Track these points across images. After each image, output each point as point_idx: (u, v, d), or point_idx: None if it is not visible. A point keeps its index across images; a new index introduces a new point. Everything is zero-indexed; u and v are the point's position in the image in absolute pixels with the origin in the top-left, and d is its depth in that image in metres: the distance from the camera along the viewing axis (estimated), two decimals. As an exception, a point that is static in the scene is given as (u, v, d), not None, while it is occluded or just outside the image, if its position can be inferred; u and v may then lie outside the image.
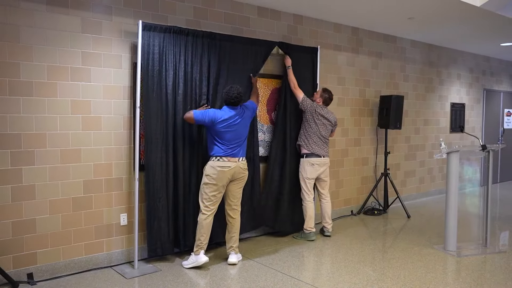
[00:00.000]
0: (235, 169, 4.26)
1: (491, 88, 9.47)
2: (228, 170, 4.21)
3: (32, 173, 3.81)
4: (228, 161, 4.22)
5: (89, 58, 4.07)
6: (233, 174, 4.27)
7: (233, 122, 4.23)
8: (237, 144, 4.27)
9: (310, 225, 5.21)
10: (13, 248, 3.77)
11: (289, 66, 5.27)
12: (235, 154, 4.27)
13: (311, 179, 5.26)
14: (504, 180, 9.98)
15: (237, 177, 4.32)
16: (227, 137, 4.21)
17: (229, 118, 4.22)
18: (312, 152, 5.20)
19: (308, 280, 3.98)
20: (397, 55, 7.19)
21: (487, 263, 4.48)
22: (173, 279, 3.97)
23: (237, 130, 4.26)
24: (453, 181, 4.78)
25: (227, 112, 4.24)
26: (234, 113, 4.25)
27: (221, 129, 4.19)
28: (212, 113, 4.21)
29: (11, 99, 3.69)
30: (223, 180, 4.22)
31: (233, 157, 4.25)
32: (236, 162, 4.26)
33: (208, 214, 4.23)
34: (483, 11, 5.42)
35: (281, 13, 5.49)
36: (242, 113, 4.31)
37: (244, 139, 4.37)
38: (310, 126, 5.21)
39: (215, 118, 4.18)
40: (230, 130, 4.21)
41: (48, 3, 3.83)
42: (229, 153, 4.23)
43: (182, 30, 4.36)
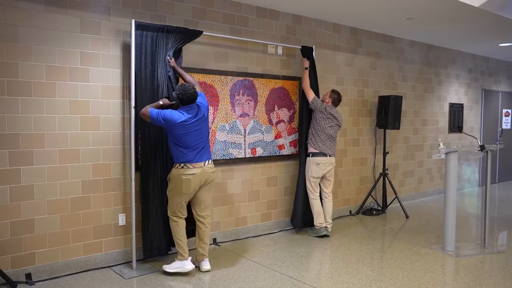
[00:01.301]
0: (202, 174, 3.95)
1: (489, 89, 9.48)
2: (194, 177, 3.90)
3: (31, 173, 3.81)
4: (193, 167, 3.90)
5: (87, 58, 4.07)
6: (200, 180, 3.95)
7: (193, 124, 3.87)
8: (200, 147, 3.94)
9: (319, 221, 5.31)
10: (12, 248, 3.76)
11: (306, 68, 5.39)
12: (200, 158, 3.94)
13: (316, 178, 5.33)
14: (503, 180, 10.00)
15: (205, 182, 4.02)
16: (188, 141, 3.86)
17: (189, 119, 3.84)
18: (319, 151, 5.28)
19: (307, 280, 3.98)
20: (396, 55, 7.20)
21: (486, 263, 4.49)
22: (172, 279, 3.96)
23: (198, 131, 3.91)
24: (451, 181, 4.78)
25: (185, 113, 3.85)
26: (192, 114, 3.88)
27: (181, 132, 3.82)
28: (168, 114, 3.81)
29: (10, 99, 3.68)
30: (190, 189, 3.93)
31: (198, 162, 3.92)
32: (201, 167, 3.94)
33: (178, 221, 4.04)
34: (481, 12, 5.43)
35: (280, 13, 5.50)
36: (199, 111, 3.95)
37: (207, 140, 4.04)
38: (319, 124, 5.27)
39: (172, 119, 3.79)
40: (191, 132, 3.86)
41: (46, 3, 3.83)
42: (192, 158, 3.90)
43: (175, 29, 4.33)
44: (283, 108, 5.57)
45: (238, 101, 5.13)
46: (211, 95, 4.89)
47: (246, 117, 5.23)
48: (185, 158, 3.90)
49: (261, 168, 5.42)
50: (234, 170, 5.16)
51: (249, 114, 5.25)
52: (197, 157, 3.93)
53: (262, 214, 5.48)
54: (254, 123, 5.30)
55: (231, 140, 5.10)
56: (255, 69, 5.29)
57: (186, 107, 3.88)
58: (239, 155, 5.17)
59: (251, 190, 5.35)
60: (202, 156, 3.97)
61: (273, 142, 5.51)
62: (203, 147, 3.99)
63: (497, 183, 9.73)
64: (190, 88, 3.85)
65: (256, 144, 5.33)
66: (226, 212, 5.13)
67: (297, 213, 5.50)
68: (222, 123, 5.01)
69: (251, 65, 5.25)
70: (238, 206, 5.24)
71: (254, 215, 5.40)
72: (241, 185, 5.24)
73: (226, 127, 5.04)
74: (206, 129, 4.03)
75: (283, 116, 5.59)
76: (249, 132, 5.26)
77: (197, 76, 4.76)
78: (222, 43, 4.98)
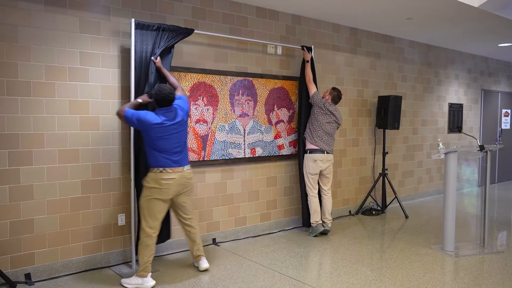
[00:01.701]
0: (181, 180, 3.80)
1: (489, 89, 9.48)
2: (173, 182, 3.75)
3: (30, 173, 3.81)
4: (172, 172, 3.74)
5: (87, 58, 4.07)
6: (178, 185, 3.81)
7: (170, 127, 3.71)
8: (178, 151, 3.79)
9: (315, 219, 5.32)
10: (11, 248, 3.76)
11: (308, 61, 5.39)
12: (179, 163, 3.79)
13: (313, 174, 5.34)
14: (502, 181, 10.00)
15: (183, 189, 3.87)
16: (166, 144, 3.70)
17: (165, 121, 3.68)
18: (316, 147, 5.28)
19: (306, 280, 3.98)
20: (395, 56, 7.20)
21: (485, 263, 4.49)
22: (171, 280, 3.96)
23: (176, 135, 3.75)
24: (451, 181, 4.78)
25: (161, 115, 3.69)
26: (169, 117, 3.72)
27: (157, 135, 3.66)
28: (143, 115, 3.64)
29: (9, 99, 3.68)
30: (169, 194, 3.77)
31: (177, 167, 3.77)
32: (180, 172, 3.79)
33: (154, 236, 3.79)
34: (481, 12, 5.43)
35: (279, 13, 5.50)
36: (177, 115, 3.77)
37: (185, 145, 3.88)
38: (317, 120, 5.29)
39: (146, 120, 3.62)
40: (168, 135, 3.70)
41: (46, 3, 3.83)
42: (171, 163, 3.74)
43: (175, 28, 4.32)
44: (283, 108, 5.57)
45: (237, 101, 5.13)
46: (211, 95, 4.89)
47: (246, 117, 5.23)
48: (164, 163, 3.72)
49: (261, 168, 5.42)
50: (233, 170, 5.16)
51: (248, 114, 5.25)
52: (176, 162, 3.77)
53: (262, 214, 5.48)
54: (254, 123, 5.30)
55: (231, 140, 5.10)
56: (254, 69, 5.29)
57: (163, 109, 3.73)
58: (239, 155, 5.18)
59: (251, 190, 5.35)
60: (181, 161, 3.81)
61: (273, 142, 5.51)
62: (181, 151, 3.82)
63: (497, 183, 9.73)
64: (165, 88, 3.70)
65: (255, 144, 5.33)
66: (225, 212, 5.13)
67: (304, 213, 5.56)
68: (222, 123, 5.01)
69: (250, 65, 5.25)
70: (238, 206, 5.24)
71: (254, 215, 5.40)
72: (241, 185, 5.25)
73: (225, 127, 5.04)
74: (184, 133, 3.86)
75: (283, 116, 5.59)
76: (249, 132, 5.26)
77: (197, 76, 4.76)
78: (221, 43, 4.98)
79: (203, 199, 4.92)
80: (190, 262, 4.39)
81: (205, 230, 4.96)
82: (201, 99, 4.82)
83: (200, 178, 4.88)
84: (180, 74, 4.64)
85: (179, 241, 4.75)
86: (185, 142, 3.90)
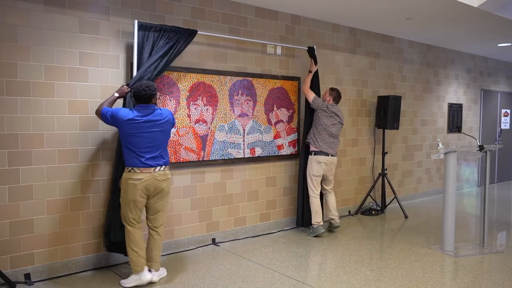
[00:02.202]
0: (150, 181, 3.66)
1: (488, 89, 9.49)
2: (139, 183, 3.62)
3: (30, 173, 3.80)
4: (140, 172, 3.63)
5: (86, 58, 4.07)
6: (146, 187, 3.66)
7: (142, 124, 3.61)
8: (151, 152, 3.66)
9: (317, 220, 5.33)
10: (11, 248, 3.76)
11: (311, 71, 5.42)
12: (149, 163, 3.65)
13: (317, 176, 5.36)
14: (502, 181, 10.00)
15: (153, 191, 3.73)
16: (136, 142, 3.61)
17: (137, 117, 3.60)
18: (320, 150, 5.28)
19: (306, 280, 3.98)
20: (395, 56, 7.20)
21: (485, 263, 4.49)
22: (170, 279, 3.96)
23: (149, 134, 3.63)
24: (450, 181, 4.79)
25: (136, 111, 3.63)
26: (144, 113, 3.64)
27: (128, 131, 3.60)
28: (116, 110, 3.62)
29: (8, 99, 3.68)
30: (135, 195, 3.65)
31: (146, 168, 3.65)
32: (150, 173, 3.65)
33: (131, 230, 3.74)
34: (480, 12, 5.43)
35: (278, 13, 5.50)
36: (155, 113, 3.68)
37: (161, 146, 3.74)
38: (320, 124, 5.29)
39: (118, 116, 3.58)
40: (140, 133, 3.61)
41: (45, 3, 3.82)
42: (140, 163, 3.63)
43: (177, 29, 4.32)
44: (282, 108, 5.57)
45: (237, 101, 5.13)
46: (210, 95, 4.89)
47: (245, 117, 5.23)
48: (133, 162, 3.64)
49: (260, 168, 5.42)
50: (233, 170, 5.16)
51: (248, 114, 5.25)
52: (146, 162, 3.65)
53: (261, 214, 5.48)
54: (253, 123, 5.30)
55: (230, 140, 5.10)
56: (254, 69, 5.29)
57: (140, 106, 3.66)
58: (238, 155, 5.18)
59: (250, 190, 5.35)
60: (152, 162, 3.67)
61: (272, 142, 5.51)
62: (154, 152, 3.68)
63: (496, 183, 9.74)
64: (141, 84, 3.65)
65: (255, 144, 5.33)
66: (225, 212, 5.13)
67: (299, 213, 5.58)
68: (221, 123, 5.01)
69: (250, 65, 5.25)
70: (237, 206, 5.24)
71: (253, 215, 5.40)
72: (240, 185, 5.25)
73: (225, 127, 5.04)
74: (161, 136, 3.72)
75: (282, 116, 5.59)
76: (248, 132, 5.26)
77: (196, 76, 4.76)
78: (221, 43, 4.98)
79: (203, 199, 4.92)
80: (190, 262, 4.40)
81: (204, 230, 4.96)
82: (200, 99, 4.82)
83: (200, 178, 4.88)
84: (179, 74, 4.64)
85: (179, 241, 4.75)
86: (161, 144, 3.74)
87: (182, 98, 4.68)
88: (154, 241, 3.90)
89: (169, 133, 3.83)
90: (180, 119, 4.68)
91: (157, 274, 3.90)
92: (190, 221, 4.84)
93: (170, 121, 3.82)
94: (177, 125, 4.65)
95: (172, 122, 3.87)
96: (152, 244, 3.90)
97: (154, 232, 3.90)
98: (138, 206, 3.72)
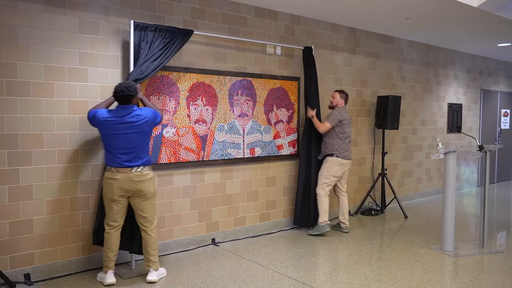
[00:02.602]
0: (126, 181, 3.66)
1: (488, 89, 9.49)
2: (115, 183, 3.65)
3: (30, 173, 3.81)
4: (116, 172, 3.66)
5: (86, 58, 4.07)
6: (121, 187, 3.67)
7: (117, 125, 3.62)
8: (127, 153, 3.66)
9: (325, 218, 5.39)
10: (10, 248, 3.76)
11: (312, 116, 5.45)
12: (125, 164, 3.65)
13: (337, 177, 5.46)
14: (501, 181, 10.01)
15: (132, 191, 3.72)
16: (113, 143, 3.64)
17: (112, 117, 3.63)
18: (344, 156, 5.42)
19: (306, 280, 3.98)
20: (395, 56, 7.20)
21: (484, 263, 4.49)
22: (170, 279, 3.96)
23: (125, 135, 3.63)
24: (450, 181, 4.79)
25: (114, 111, 3.66)
26: (119, 113, 3.64)
27: (105, 132, 3.65)
28: (98, 111, 3.69)
29: (8, 99, 3.68)
30: (111, 194, 3.69)
31: (123, 168, 3.66)
32: (126, 173, 3.66)
33: (110, 233, 3.79)
34: (480, 12, 5.44)
35: (278, 14, 5.50)
36: (132, 114, 3.66)
37: (139, 148, 3.70)
38: (344, 133, 5.42)
39: (96, 117, 3.65)
40: (115, 134, 3.63)
41: (45, 3, 3.82)
42: (117, 162, 3.66)
43: (173, 29, 4.31)
44: (282, 108, 5.57)
45: (236, 101, 5.13)
46: (210, 95, 4.89)
47: (245, 117, 5.23)
48: (111, 162, 3.69)
49: (260, 168, 5.43)
50: (233, 170, 5.16)
51: (247, 114, 5.25)
52: (122, 163, 3.66)
53: (261, 214, 5.49)
54: (253, 123, 5.30)
55: (230, 140, 5.10)
56: (253, 69, 5.29)
57: (120, 107, 3.68)
58: (238, 155, 5.18)
59: (250, 190, 5.35)
60: (128, 163, 3.67)
61: (272, 142, 5.51)
62: (130, 153, 3.67)
63: (496, 183, 9.74)
64: (121, 84, 3.65)
65: (255, 144, 5.33)
66: (225, 212, 5.13)
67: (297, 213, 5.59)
68: (221, 123, 5.01)
69: (249, 65, 5.25)
70: (237, 206, 5.24)
71: (253, 215, 5.40)
72: (240, 185, 5.25)
73: (224, 127, 5.05)
74: (138, 138, 3.69)
75: (282, 116, 5.59)
76: (248, 132, 5.26)
77: (196, 76, 4.76)
78: (220, 43, 4.98)
79: (203, 199, 4.93)
80: (190, 262, 4.40)
81: (204, 230, 4.96)
82: (200, 99, 4.82)
83: (200, 178, 4.89)
84: (179, 74, 4.65)
85: (179, 241, 4.76)
86: (138, 145, 3.70)
87: (181, 98, 4.68)
88: (145, 241, 3.91)
89: (148, 133, 3.78)
90: (180, 119, 4.68)
91: (156, 273, 3.91)
92: (190, 221, 4.84)
93: (149, 121, 3.75)
94: (177, 125, 4.65)
95: (154, 121, 3.81)
96: (145, 244, 3.91)
97: (144, 233, 3.90)
98: (117, 205, 3.75)
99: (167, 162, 4.60)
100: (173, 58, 4.55)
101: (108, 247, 3.81)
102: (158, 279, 3.92)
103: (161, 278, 3.97)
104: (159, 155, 4.54)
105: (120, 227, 3.86)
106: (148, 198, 3.81)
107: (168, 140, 4.60)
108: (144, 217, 3.85)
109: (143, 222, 3.87)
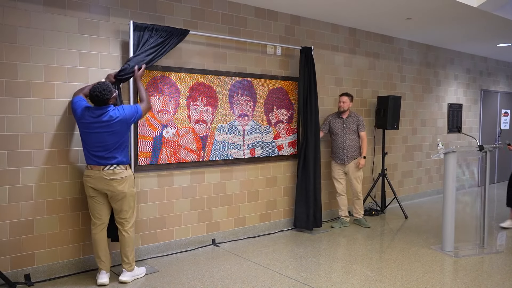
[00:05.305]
0: (98, 180, 3.69)
1: (488, 89, 9.49)
2: (89, 179, 3.72)
3: (30, 174, 3.80)
4: (90, 169, 3.71)
5: (86, 58, 4.07)
6: (94, 184, 3.71)
7: (90, 124, 3.62)
8: (100, 151, 3.66)
9: (346, 213, 5.93)
10: (11, 249, 3.76)
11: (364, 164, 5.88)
12: (98, 162, 3.67)
13: None
14: (501, 181, 9.99)
15: (106, 190, 3.73)
16: (87, 140, 3.67)
17: (86, 117, 3.62)
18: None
19: (306, 280, 3.98)
20: (395, 56, 7.20)
21: (485, 264, 4.49)
22: (171, 280, 3.96)
23: (97, 135, 3.62)
24: (450, 181, 4.79)
25: (90, 110, 3.64)
26: (95, 114, 3.61)
27: (81, 128, 3.69)
28: (78, 105, 3.67)
29: (8, 99, 3.68)
30: (87, 191, 3.78)
31: (96, 165, 3.69)
32: (99, 171, 3.68)
33: (93, 229, 3.85)
34: (480, 12, 5.44)
35: (278, 14, 5.50)
36: (106, 115, 3.61)
37: (112, 147, 3.67)
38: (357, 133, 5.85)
39: (74, 110, 3.69)
40: (89, 132, 3.64)
41: (45, 4, 3.82)
42: (90, 161, 3.70)
43: (168, 29, 4.30)
44: (282, 108, 5.57)
45: (237, 101, 5.13)
46: (210, 95, 4.89)
47: (245, 117, 5.23)
48: (87, 159, 3.74)
49: (260, 169, 5.43)
50: (233, 170, 5.16)
51: (248, 114, 5.25)
52: (96, 160, 3.68)
53: (261, 214, 5.48)
54: (253, 123, 5.30)
55: (230, 141, 5.10)
56: (254, 70, 5.29)
57: (95, 107, 3.65)
58: (238, 155, 5.18)
59: (250, 190, 5.35)
60: (101, 161, 3.67)
61: (272, 143, 5.51)
62: (106, 152, 3.66)
63: (496, 183, 9.73)
64: (101, 86, 3.58)
65: (255, 144, 5.33)
66: (225, 213, 5.13)
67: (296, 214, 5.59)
68: (221, 124, 5.01)
69: (250, 66, 5.25)
70: (237, 206, 5.24)
71: (253, 216, 5.40)
72: (240, 186, 5.25)
73: (225, 128, 5.05)
74: (111, 137, 3.65)
75: (282, 116, 5.59)
76: (248, 132, 5.26)
77: (196, 77, 4.76)
78: (220, 44, 4.98)
79: (203, 200, 4.92)
80: (190, 262, 4.40)
81: (204, 230, 4.96)
82: (200, 99, 4.82)
83: (200, 178, 4.89)
84: (179, 75, 4.65)
85: (179, 241, 4.75)
86: (112, 144, 3.67)
87: (182, 98, 4.68)
88: (120, 240, 3.92)
89: (122, 133, 3.71)
90: (180, 120, 4.68)
91: (129, 274, 3.90)
92: (190, 221, 4.84)
93: (124, 120, 3.68)
94: (177, 126, 4.65)
95: (130, 120, 3.73)
96: (120, 242, 3.92)
97: (119, 232, 3.91)
98: (95, 202, 3.79)
99: (167, 163, 4.60)
100: (173, 59, 4.56)
101: (96, 249, 3.86)
102: (131, 279, 3.91)
103: (138, 279, 3.96)
104: (159, 155, 4.54)
105: (105, 226, 3.89)
106: (123, 200, 3.79)
107: (168, 140, 4.60)
108: (119, 216, 3.87)
109: (118, 220, 3.89)
